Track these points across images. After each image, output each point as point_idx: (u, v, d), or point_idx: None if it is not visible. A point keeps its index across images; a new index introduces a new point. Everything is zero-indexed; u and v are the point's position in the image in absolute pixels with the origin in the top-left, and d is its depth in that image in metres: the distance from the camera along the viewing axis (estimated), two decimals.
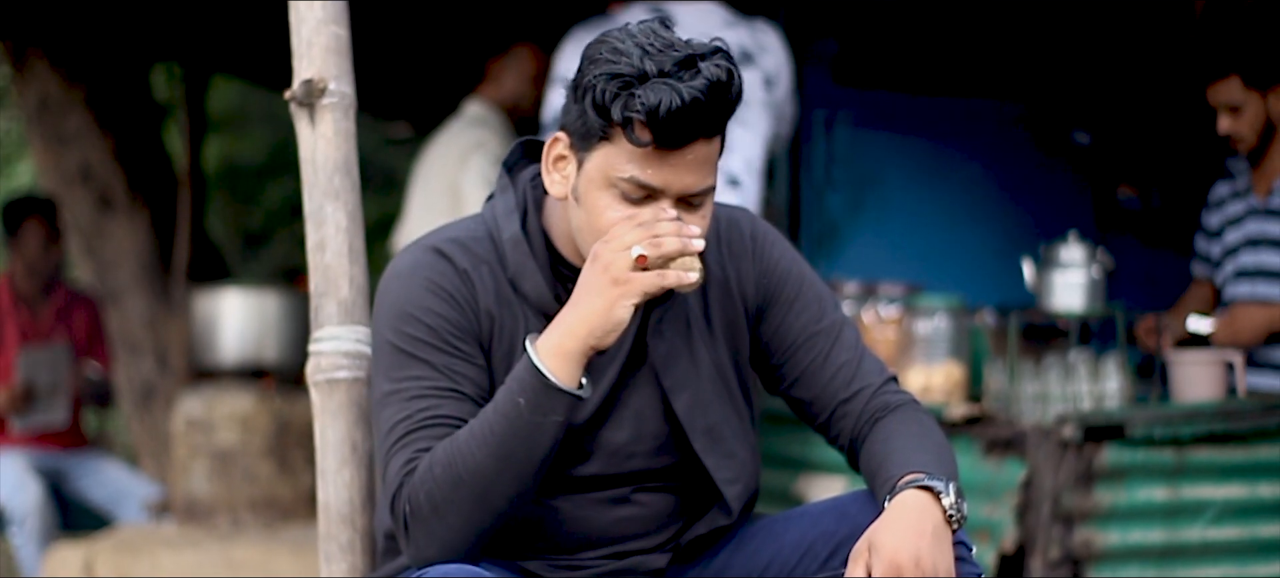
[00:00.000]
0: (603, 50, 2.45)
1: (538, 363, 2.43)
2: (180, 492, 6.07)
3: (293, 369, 6.19)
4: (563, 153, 2.54)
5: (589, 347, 2.44)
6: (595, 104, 2.44)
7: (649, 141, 2.42)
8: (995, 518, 4.23)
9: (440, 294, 2.57)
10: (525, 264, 2.60)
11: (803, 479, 4.65)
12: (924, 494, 2.46)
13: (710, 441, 2.67)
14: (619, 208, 2.47)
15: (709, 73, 2.41)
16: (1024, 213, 6.15)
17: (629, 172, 2.45)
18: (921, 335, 4.73)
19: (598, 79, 2.43)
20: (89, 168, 7.85)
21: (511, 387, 2.46)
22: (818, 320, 2.73)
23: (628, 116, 2.41)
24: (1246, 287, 4.95)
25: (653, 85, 2.39)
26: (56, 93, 7.83)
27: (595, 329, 2.43)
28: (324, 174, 2.92)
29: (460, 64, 6.34)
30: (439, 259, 2.60)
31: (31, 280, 6.97)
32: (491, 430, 2.45)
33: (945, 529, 2.45)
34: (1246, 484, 4.30)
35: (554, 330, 2.46)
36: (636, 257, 2.41)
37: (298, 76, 2.93)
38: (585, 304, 2.44)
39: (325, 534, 2.88)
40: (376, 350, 2.60)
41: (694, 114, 2.40)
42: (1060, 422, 4.21)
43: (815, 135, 6.11)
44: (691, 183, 2.48)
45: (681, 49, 2.43)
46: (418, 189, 5.59)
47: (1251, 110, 4.91)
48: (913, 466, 2.52)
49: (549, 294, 2.60)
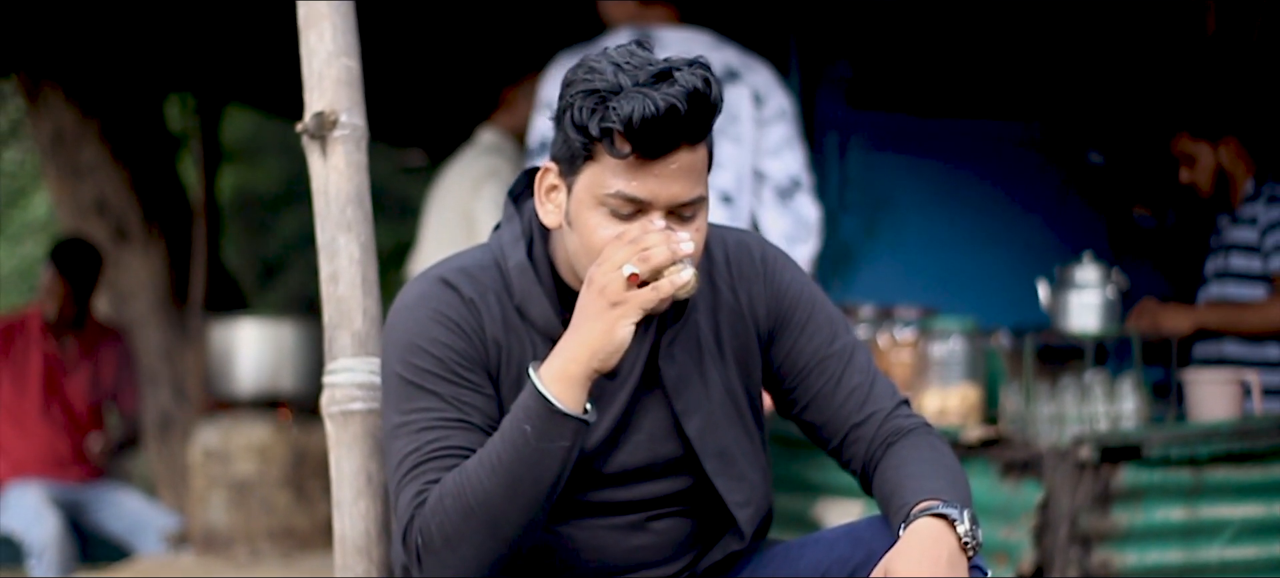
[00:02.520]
0: (579, 72, 2.46)
1: (542, 389, 2.43)
2: (198, 522, 6.07)
3: (309, 399, 6.19)
4: (553, 182, 2.55)
5: (592, 370, 2.44)
6: (575, 123, 2.45)
7: (629, 152, 2.43)
8: (1012, 540, 4.22)
9: (447, 325, 2.57)
10: (531, 291, 2.60)
11: (820, 504, 4.64)
12: (939, 522, 2.45)
13: (722, 464, 2.67)
14: (610, 226, 2.48)
15: (685, 81, 2.41)
16: (1038, 234, 6.15)
17: (615, 186, 2.45)
18: (937, 358, 4.72)
19: (575, 98, 2.44)
20: (104, 200, 7.88)
21: (517, 415, 2.46)
22: (829, 344, 2.72)
23: (605, 128, 2.42)
24: (1216, 287, 5.33)
25: (628, 95, 2.40)
26: (71, 125, 7.86)
27: (597, 352, 2.43)
28: (336, 206, 2.93)
29: (474, 92, 6.36)
30: (445, 289, 2.60)
31: (62, 316, 6.97)
32: (499, 459, 2.45)
33: (960, 557, 2.44)
34: (1264, 503, 4.29)
35: (557, 356, 2.46)
36: (629, 275, 2.41)
37: (309, 109, 2.93)
38: (585, 328, 2.43)
39: (341, 566, 2.88)
40: (385, 383, 2.61)
41: (672, 121, 2.41)
42: (1077, 443, 4.20)
43: (829, 158, 6.11)
44: (679, 193, 2.47)
45: (658, 64, 2.44)
46: (432, 217, 5.60)
47: (1203, 161, 5.29)
48: (927, 492, 2.51)
49: (556, 320, 2.60)
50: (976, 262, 6.12)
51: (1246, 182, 5.27)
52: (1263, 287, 5.21)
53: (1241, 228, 5.26)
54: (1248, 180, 5.27)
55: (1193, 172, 5.32)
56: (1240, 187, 5.27)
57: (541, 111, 4.82)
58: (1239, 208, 5.28)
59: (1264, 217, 5.19)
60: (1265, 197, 5.21)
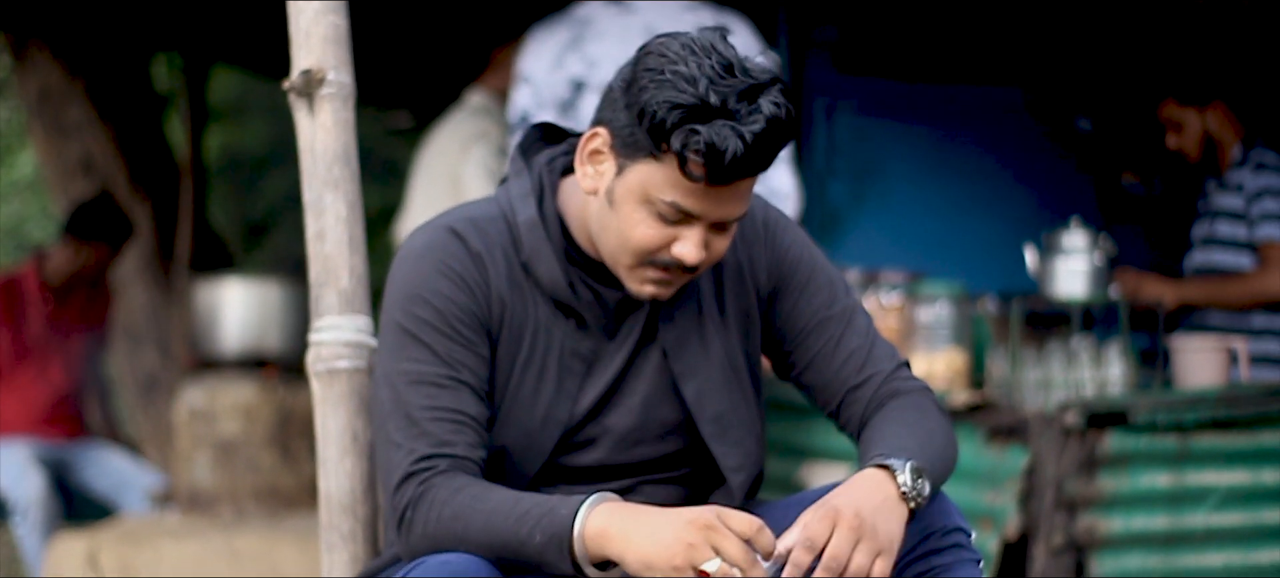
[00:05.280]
0: (665, 68, 2.40)
1: (578, 529, 2.38)
2: (183, 482, 6.07)
3: (295, 359, 6.19)
4: (600, 149, 2.51)
5: (629, 567, 2.38)
6: (653, 125, 2.40)
7: (702, 178, 2.40)
8: (998, 505, 4.23)
9: (452, 277, 2.56)
10: (540, 249, 2.59)
11: (805, 467, 4.65)
12: (880, 472, 2.46)
13: (718, 428, 2.67)
14: (653, 226, 2.46)
15: (768, 111, 2.38)
16: (1026, 200, 6.15)
17: (672, 196, 2.44)
18: (923, 323, 4.73)
19: (659, 105, 2.39)
20: (90, 159, 7.86)
21: (537, 515, 2.41)
22: (829, 306, 2.72)
23: (685, 153, 2.39)
24: (1202, 254, 5.33)
25: (717, 127, 2.36)
26: (57, 84, 7.84)
27: (646, 564, 2.35)
28: (323, 164, 2.92)
29: (461, 53, 6.34)
30: (454, 240, 2.59)
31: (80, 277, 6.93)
32: (498, 535, 2.42)
33: (898, 504, 2.44)
34: (1250, 470, 4.30)
35: (616, 518, 2.39)
36: (700, 570, 2.32)
37: (296, 66, 2.92)
38: (653, 544, 2.34)
39: (327, 524, 2.88)
40: (383, 328, 2.60)
41: (750, 156, 2.38)
42: (1063, 409, 4.21)
43: (816, 123, 6.11)
44: (730, 212, 2.48)
45: (741, 75, 2.39)
46: (419, 179, 5.58)
47: (1191, 127, 5.30)
48: (887, 448, 2.51)
49: (562, 279, 2.59)
50: (964, 227, 6.12)
51: (1234, 147, 5.27)
52: (1248, 254, 5.21)
53: (1228, 194, 5.26)
54: (1235, 146, 5.27)
55: (1180, 137, 5.33)
56: (1228, 152, 5.27)
57: (520, 85, 4.78)
58: (1226, 174, 5.28)
59: (1250, 184, 5.19)
60: (1253, 163, 5.21)
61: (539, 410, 2.60)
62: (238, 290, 6.47)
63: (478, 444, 2.54)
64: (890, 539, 2.40)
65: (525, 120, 4.69)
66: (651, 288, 2.53)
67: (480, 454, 2.54)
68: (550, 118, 4.61)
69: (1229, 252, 5.26)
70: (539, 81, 4.73)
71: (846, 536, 2.36)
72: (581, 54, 4.71)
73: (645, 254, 2.49)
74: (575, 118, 4.61)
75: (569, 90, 4.70)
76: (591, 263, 2.60)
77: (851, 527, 2.36)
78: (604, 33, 4.71)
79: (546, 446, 2.60)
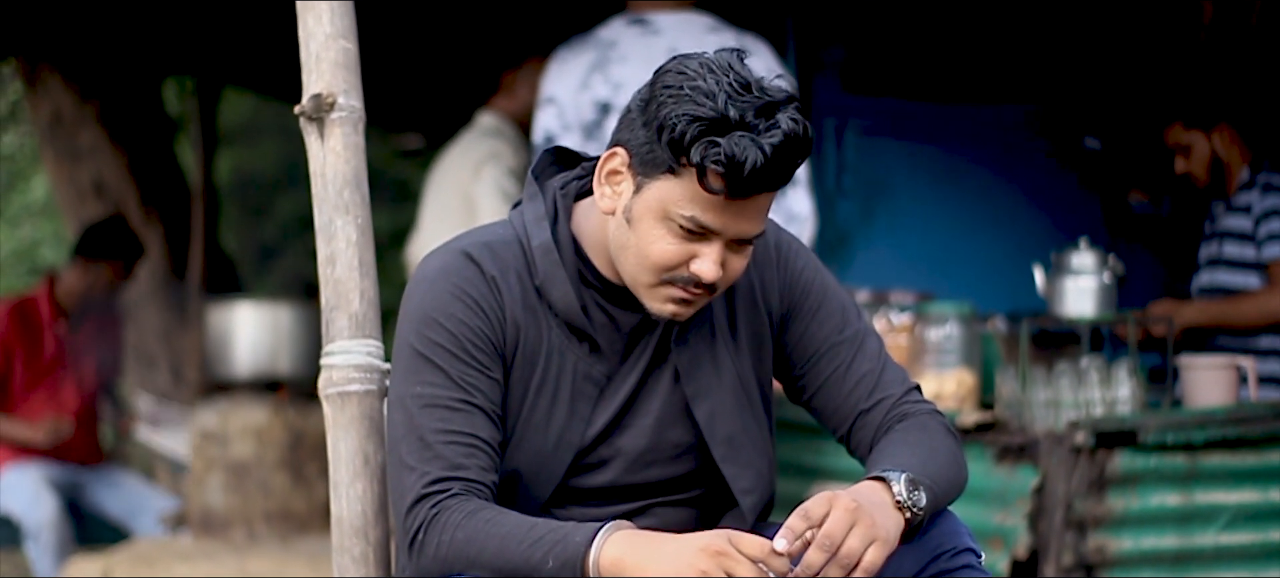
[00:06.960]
0: (683, 84, 2.42)
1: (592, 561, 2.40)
2: (196, 504, 6.08)
3: (307, 381, 6.20)
4: (619, 168, 2.52)
5: None
6: (672, 139, 2.41)
7: (721, 190, 2.42)
8: (1008, 525, 4.23)
9: (466, 302, 2.57)
10: (554, 273, 2.60)
11: (815, 488, 4.64)
12: (877, 483, 2.49)
13: (730, 450, 2.67)
14: (672, 242, 2.47)
15: (786, 126, 2.39)
16: (1035, 219, 6.15)
17: (691, 211, 2.44)
18: (932, 343, 4.73)
19: (678, 119, 2.40)
20: (102, 182, 7.89)
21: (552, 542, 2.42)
22: (840, 331, 2.73)
23: (704, 163, 2.40)
24: (1209, 275, 5.32)
25: (736, 139, 2.37)
26: (69, 108, 7.87)
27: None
28: (334, 188, 2.93)
29: (472, 76, 6.36)
30: (468, 264, 2.59)
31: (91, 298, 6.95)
32: (511, 559, 2.43)
33: (893, 511, 2.45)
34: (1259, 489, 4.30)
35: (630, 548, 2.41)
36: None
37: (307, 91, 2.93)
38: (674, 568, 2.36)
39: (339, 547, 2.89)
40: (397, 351, 2.61)
41: (769, 170, 2.40)
42: (1072, 428, 4.21)
43: (825, 143, 6.12)
44: (748, 228, 2.48)
45: (758, 92, 2.41)
46: (431, 200, 5.60)
47: (1198, 150, 5.28)
48: (887, 465, 2.53)
49: (575, 303, 2.60)
50: (973, 247, 6.12)
51: (1242, 169, 5.27)
52: (1256, 275, 5.21)
53: (1236, 216, 5.25)
54: (1243, 168, 5.27)
55: (1188, 161, 5.32)
56: (1235, 174, 5.27)
57: (545, 107, 4.79)
58: (1234, 195, 5.27)
59: (1258, 205, 5.19)
60: (1260, 185, 5.21)
61: (552, 434, 2.61)
62: (249, 313, 6.48)
63: (490, 468, 2.54)
64: (886, 532, 2.41)
65: (550, 141, 4.69)
66: (672, 307, 2.54)
67: (493, 478, 2.55)
68: (576, 140, 4.64)
69: (1237, 272, 5.25)
70: (565, 103, 4.74)
71: (843, 517, 2.38)
72: (606, 76, 4.72)
73: (664, 271, 2.50)
74: (601, 140, 4.62)
75: (595, 112, 4.71)
76: (607, 286, 2.61)
77: (848, 510, 2.38)
78: (628, 55, 4.72)
79: (559, 469, 2.61)
